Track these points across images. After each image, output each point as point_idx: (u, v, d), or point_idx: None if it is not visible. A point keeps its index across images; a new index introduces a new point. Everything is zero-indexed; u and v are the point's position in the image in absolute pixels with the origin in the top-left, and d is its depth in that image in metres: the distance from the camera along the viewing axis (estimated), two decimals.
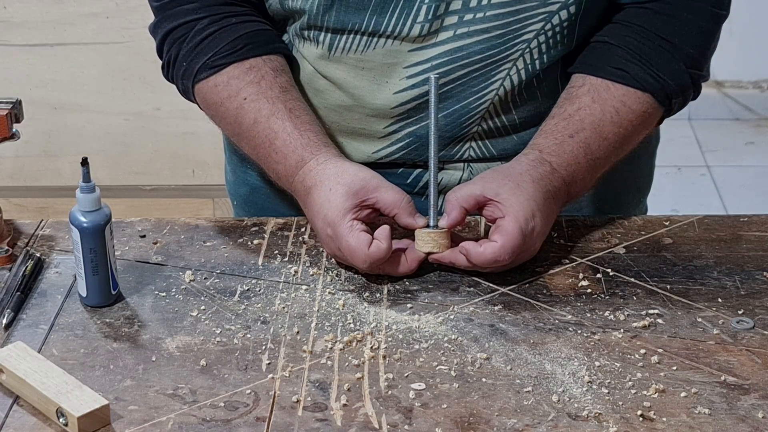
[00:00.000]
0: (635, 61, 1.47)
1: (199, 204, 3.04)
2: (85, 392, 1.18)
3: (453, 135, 1.52)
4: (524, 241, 1.37)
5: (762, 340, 1.29)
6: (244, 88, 1.48)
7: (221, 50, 1.49)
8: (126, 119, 2.96)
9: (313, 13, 1.47)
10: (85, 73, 2.92)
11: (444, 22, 1.45)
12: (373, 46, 1.47)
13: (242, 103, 1.48)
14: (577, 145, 1.45)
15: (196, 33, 1.50)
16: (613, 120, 1.46)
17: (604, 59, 1.48)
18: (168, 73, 1.55)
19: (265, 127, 1.47)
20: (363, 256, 1.36)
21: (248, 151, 1.51)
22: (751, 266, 1.43)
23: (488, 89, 1.49)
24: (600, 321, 1.33)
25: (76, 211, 1.33)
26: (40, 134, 2.94)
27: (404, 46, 1.46)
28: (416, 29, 1.45)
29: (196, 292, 1.39)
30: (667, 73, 1.47)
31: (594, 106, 1.46)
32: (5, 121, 1.45)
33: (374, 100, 1.50)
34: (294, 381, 1.23)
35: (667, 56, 1.47)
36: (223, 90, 1.49)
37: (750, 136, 4.07)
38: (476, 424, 1.17)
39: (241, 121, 1.48)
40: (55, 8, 2.86)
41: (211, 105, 1.51)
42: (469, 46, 1.46)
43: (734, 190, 3.71)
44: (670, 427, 1.16)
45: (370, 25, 1.45)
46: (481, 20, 1.45)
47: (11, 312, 1.34)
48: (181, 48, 1.51)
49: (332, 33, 1.48)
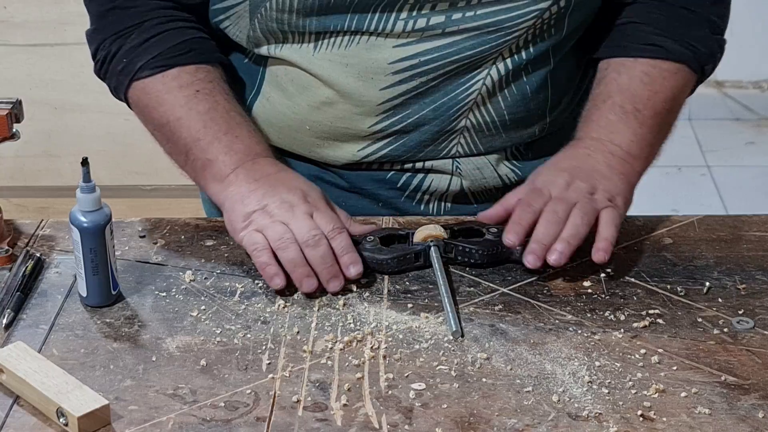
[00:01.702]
0: (664, 34, 1.50)
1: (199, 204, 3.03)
2: (85, 392, 1.18)
3: (441, 128, 1.52)
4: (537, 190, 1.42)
5: (762, 340, 1.29)
6: (196, 83, 1.48)
7: (166, 52, 1.48)
8: (126, 119, 2.95)
9: (293, 22, 1.46)
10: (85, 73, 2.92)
11: (430, 21, 1.44)
12: (356, 42, 1.47)
13: (195, 93, 1.47)
14: (603, 110, 1.48)
15: (141, 32, 1.49)
16: (644, 80, 1.49)
17: (631, 38, 1.51)
18: (102, 67, 1.53)
19: (223, 115, 1.46)
20: (338, 224, 1.38)
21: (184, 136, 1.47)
22: (751, 266, 1.43)
23: (475, 80, 1.49)
24: (600, 321, 1.33)
25: (76, 211, 1.33)
26: (40, 134, 2.94)
27: (389, 42, 1.46)
28: (399, 26, 1.44)
29: (196, 292, 1.39)
30: (697, 41, 1.51)
31: (621, 78, 1.50)
32: (5, 121, 1.45)
33: (360, 96, 1.50)
34: (294, 381, 1.23)
35: (694, 25, 1.51)
36: (172, 81, 1.48)
37: (750, 136, 4.07)
38: (476, 424, 1.17)
39: (192, 106, 1.46)
40: (55, 8, 2.86)
41: (153, 93, 1.48)
42: (458, 43, 1.46)
43: (734, 190, 3.71)
44: (670, 427, 1.16)
45: (352, 25, 1.45)
46: (471, 18, 1.44)
47: (11, 312, 1.34)
48: (123, 45, 1.49)
49: (315, 35, 1.47)
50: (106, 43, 1.51)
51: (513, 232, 1.38)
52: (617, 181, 1.45)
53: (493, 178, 1.57)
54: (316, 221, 1.38)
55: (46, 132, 2.97)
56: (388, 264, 1.39)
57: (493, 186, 1.58)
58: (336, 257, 1.37)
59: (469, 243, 1.40)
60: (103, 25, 1.52)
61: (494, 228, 1.42)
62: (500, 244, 1.39)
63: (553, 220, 1.38)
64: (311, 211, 1.39)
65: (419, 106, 1.50)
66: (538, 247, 1.36)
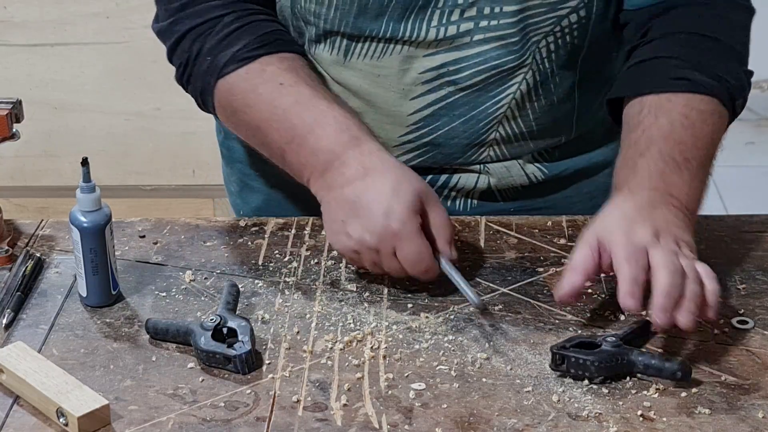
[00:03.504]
0: (692, 67, 1.40)
1: (199, 204, 3.04)
2: (85, 392, 1.18)
3: (471, 141, 1.51)
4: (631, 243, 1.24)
5: (762, 340, 1.29)
6: (280, 74, 1.43)
7: (251, 43, 1.44)
8: (126, 119, 2.96)
9: (330, 18, 1.46)
10: (85, 73, 2.92)
11: (460, 28, 1.44)
12: (389, 53, 1.46)
13: (279, 87, 1.42)
14: (651, 159, 1.33)
15: (222, 27, 1.45)
16: (684, 124, 1.36)
17: (658, 74, 1.41)
18: (185, 72, 1.48)
19: (308, 107, 1.41)
20: (425, 265, 1.32)
21: (276, 138, 1.42)
22: (751, 266, 1.43)
23: (505, 93, 1.49)
24: (600, 321, 1.33)
25: (76, 211, 1.33)
26: (40, 134, 2.94)
27: (419, 51, 1.46)
28: (432, 33, 1.44)
29: (196, 292, 1.39)
30: (726, 72, 1.41)
31: (660, 121, 1.36)
32: (5, 121, 1.45)
33: (390, 107, 1.49)
34: (294, 381, 1.23)
35: (721, 56, 1.42)
36: (256, 76, 1.43)
37: (750, 136, 4.07)
38: (476, 424, 1.17)
39: (278, 103, 1.41)
40: (55, 8, 2.87)
41: (239, 93, 1.44)
42: (486, 53, 1.46)
43: (734, 190, 3.70)
44: (670, 427, 1.16)
45: (387, 31, 1.45)
46: (495, 27, 1.44)
47: (11, 312, 1.34)
48: (206, 42, 1.45)
49: (348, 39, 1.47)
50: (185, 42, 1.47)
51: (630, 294, 1.21)
52: (690, 236, 1.30)
53: (520, 176, 1.57)
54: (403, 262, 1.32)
55: (46, 132, 2.97)
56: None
57: (520, 184, 1.58)
58: None
59: (584, 354, 1.22)
60: (182, 18, 1.47)
61: (611, 337, 1.24)
62: (619, 355, 1.22)
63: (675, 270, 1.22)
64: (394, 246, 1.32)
65: (449, 119, 1.50)
66: (668, 302, 1.21)
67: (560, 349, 1.23)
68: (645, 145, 1.35)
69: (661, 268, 1.21)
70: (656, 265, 1.22)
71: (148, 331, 1.30)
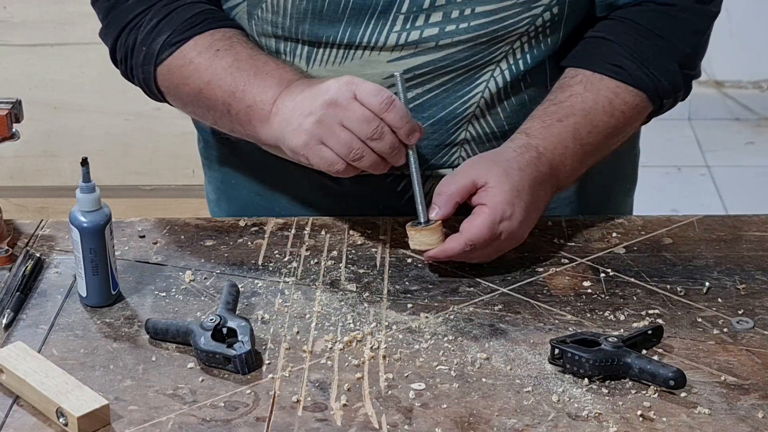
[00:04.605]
0: (631, 58, 1.47)
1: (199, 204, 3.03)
2: (85, 392, 1.18)
3: (441, 142, 1.51)
4: (495, 231, 1.37)
5: (762, 340, 1.29)
6: (214, 43, 1.46)
7: (180, 27, 1.47)
8: (126, 119, 2.95)
9: (287, 26, 1.46)
10: (85, 73, 2.92)
11: (423, 33, 1.43)
12: (350, 58, 1.46)
13: (215, 53, 1.45)
14: (565, 129, 1.44)
15: (151, 17, 1.48)
16: (605, 109, 1.46)
17: (599, 54, 1.48)
18: (126, 65, 1.51)
19: (248, 62, 1.44)
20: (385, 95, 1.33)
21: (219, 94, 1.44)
22: (751, 266, 1.43)
23: (473, 93, 1.48)
24: (600, 321, 1.33)
25: (76, 211, 1.33)
26: (40, 134, 2.94)
27: (382, 56, 1.45)
28: (392, 38, 1.44)
29: (196, 292, 1.39)
30: (661, 73, 1.47)
31: (586, 95, 1.46)
32: (5, 121, 1.45)
33: None
34: (294, 381, 1.23)
35: (663, 55, 1.47)
36: (191, 51, 1.46)
37: (750, 136, 4.07)
38: (476, 424, 1.17)
39: (216, 65, 1.44)
40: (55, 8, 2.86)
41: (177, 70, 1.47)
42: (453, 55, 1.45)
43: (734, 190, 3.71)
44: (670, 427, 1.16)
45: (345, 37, 1.45)
46: (465, 30, 1.44)
47: (11, 312, 1.34)
48: (138, 34, 1.48)
49: (308, 46, 1.47)
50: (121, 39, 1.50)
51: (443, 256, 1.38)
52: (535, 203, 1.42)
53: None
54: (362, 100, 1.34)
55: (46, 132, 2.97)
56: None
57: None
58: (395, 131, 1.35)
59: (581, 351, 1.23)
60: (112, 18, 1.51)
61: (613, 338, 1.25)
62: (616, 357, 1.22)
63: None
64: (351, 90, 1.34)
65: (417, 120, 1.49)
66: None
67: (559, 343, 1.24)
68: (567, 112, 1.45)
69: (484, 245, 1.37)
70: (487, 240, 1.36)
71: (148, 331, 1.30)
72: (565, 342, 1.24)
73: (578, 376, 1.23)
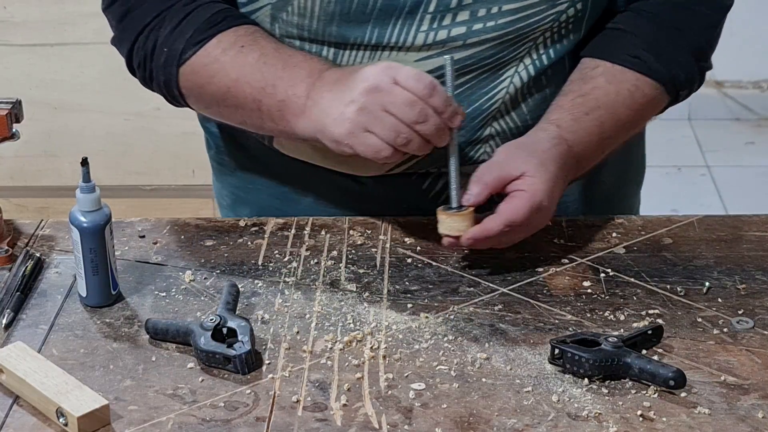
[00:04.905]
0: (649, 50, 1.48)
1: (199, 204, 3.04)
2: (85, 392, 1.18)
3: (467, 138, 1.51)
4: (531, 217, 1.38)
5: (762, 340, 1.29)
6: (238, 40, 1.44)
7: (202, 26, 1.45)
8: (126, 119, 2.95)
9: (314, 28, 1.45)
10: (85, 73, 2.92)
11: (451, 32, 1.44)
12: (377, 58, 1.46)
13: (240, 49, 1.43)
14: (592, 123, 1.46)
15: (170, 18, 1.46)
16: (626, 102, 1.48)
17: (618, 46, 1.50)
18: (145, 69, 1.49)
19: (275, 56, 1.42)
20: (427, 79, 1.33)
21: (248, 92, 1.42)
22: (751, 266, 1.43)
23: (497, 89, 1.49)
24: (600, 321, 1.33)
25: (76, 211, 1.33)
26: (40, 134, 2.94)
27: (410, 56, 1.45)
28: (420, 38, 1.44)
29: (196, 292, 1.39)
30: (677, 65, 1.49)
31: (609, 87, 1.47)
32: (5, 121, 1.45)
33: None
34: (294, 381, 1.23)
35: (679, 47, 1.49)
36: (215, 49, 1.44)
37: (750, 136, 4.07)
38: (476, 424, 1.17)
39: (243, 62, 1.43)
40: (55, 8, 2.86)
41: (201, 68, 1.45)
42: (480, 53, 1.45)
43: (734, 190, 3.71)
44: (670, 427, 1.16)
45: (372, 37, 1.44)
46: (492, 28, 1.44)
47: (11, 312, 1.34)
48: (158, 37, 1.46)
49: (335, 47, 1.47)
50: (138, 43, 1.48)
51: (474, 242, 1.38)
52: (560, 195, 1.44)
53: None
54: (404, 85, 1.32)
55: (46, 132, 2.97)
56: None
57: None
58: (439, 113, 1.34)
59: (581, 351, 1.23)
60: (128, 23, 1.49)
61: (613, 338, 1.25)
62: (616, 356, 1.22)
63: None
64: (392, 75, 1.33)
65: None
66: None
67: (559, 343, 1.24)
68: (593, 105, 1.47)
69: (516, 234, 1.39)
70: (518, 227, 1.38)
71: (148, 331, 1.30)
72: (565, 342, 1.25)
73: (578, 376, 1.23)
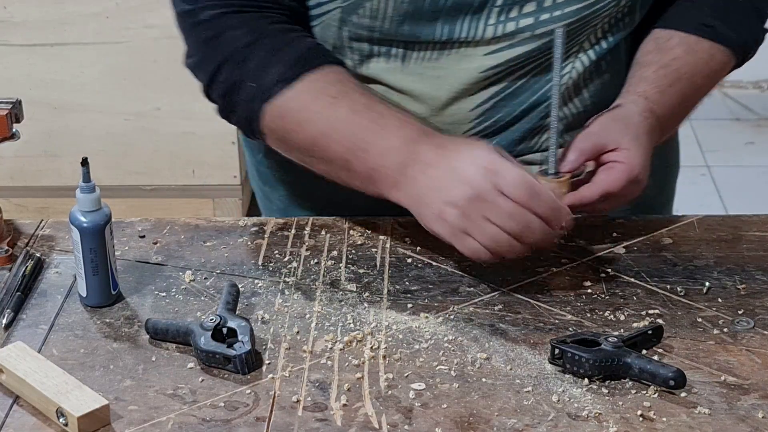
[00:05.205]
0: (720, 17, 1.52)
1: (199, 204, 3.04)
2: (85, 392, 1.18)
3: (533, 125, 1.52)
4: (628, 187, 1.40)
5: (762, 340, 1.29)
6: (329, 87, 1.41)
7: (291, 62, 1.41)
8: (126, 119, 2.96)
9: (385, 29, 1.44)
10: (85, 73, 2.92)
11: (519, 23, 1.44)
12: (446, 54, 1.46)
13: (332, 100, 1.40)
14: (675, 95, 1.50)
15: (257, 51, 1.42)
16: (703, 71, 1.52)
17: (690, 16, 1.53)
18: (227, 101, 1.45)
19: (366, 113, 1.39)
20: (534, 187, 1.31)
21: (337, 149, 1.39)
22: (751, 266, 1.43)
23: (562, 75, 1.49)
24: (600, 321, 1.33)
25: (76, 211, 1.33)
26: (40, 134, 2.94)
27: (478, 50, 1.46)
28: (489, 31, 1.44)
29: (196, 292, 1.39)
30: (747, 30, 1.54)
31: (687, 58, 1.51)
32: (5, 121, 1.45)
33: (452, 107, 1.49)
34: (294, 381, 1.23)
35: (743, 11, 1.54)
36: (305, 94, 1.41)
37: (750, 136, 4.07)
38: (476, 424, 1.17)
39: (334, 115, 1.40)
40: (55, 8, 2.87)
41: (290, 113, 1.41)
42: (547, 44, 1.45)
43: (734, 190, 3.70)
44: (670, 427, 1.16)
45: (443, 34, 1.44)
46: (559, 18, 1.44)
47: (11, 312, 1.34)
48: (243, 69, 1.42)
49: (404, 47, 1.46)
50: (222, 73, 1.44)
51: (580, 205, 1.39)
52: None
53: None
54: (508, 194, 1.30)
55: (46, 132, 2.97)
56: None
57: None
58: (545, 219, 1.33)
59: (581, 351, 1.23)
60: (211, 50, 1.44)
61: (613, 338, 1.25)
62: (616, 356, 1.22)
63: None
64: (496, 182, 1.30)
65: (510, 108, 1.50)
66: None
67: (559, 343, 1.24)
68: (675, 76, 1.50)
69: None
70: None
71: (148, 331, 1.30)
72: (565, 342, 1.25)
73: (578, 376, 1.23)
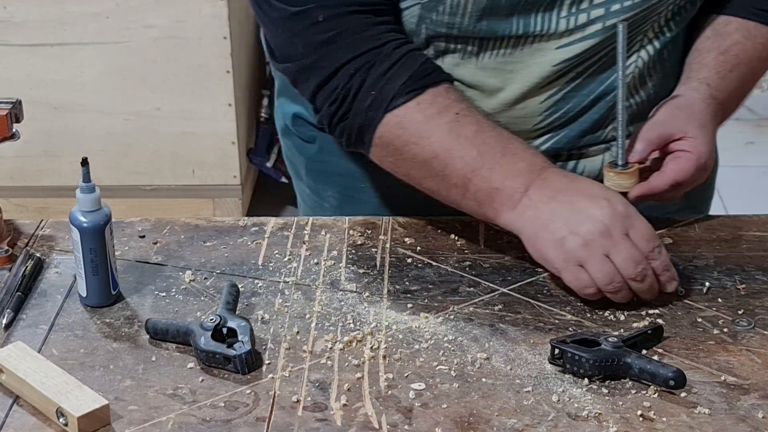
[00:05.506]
0: None
1: (199, 204, 3.04)
2: (85, 392, 1.18)
3: (600, 115, 1.53)
4: (697, 175, 1.43)
5: (762, 340, 1.29)
6: (453, 104, 1.41)
7: (415, 74, 1.40)
8: (126, 119, 2.96)
9: (464, 25, 1.44)
10: (85, 73, 2.93)
11: (590, 15, 1.45)
12: (520, 48, 1.46)
13: (456, 116, 1.40)
14: (735, 81, 1.52)
15: (383, 59, 1.41)
16: (761, 56, 1.55)
17: (747, 1, 1.54)
18: (339, 109, 1.43)
19: (492, 135, 1.39)
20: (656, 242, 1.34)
21: (459, 166, 1.38)
22: (751, 266, 1.43)
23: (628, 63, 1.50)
24: (600, 321, 1.33)
25: (76, 211, 1.33)
26: (40, 134, 2.94)
27: (551, 44, 1.46)
28: (562, 24, 1.44)
29: (196, 292, 1.39)
30: None
31: (746, 43, 1.53)
32: (5, 121, 1.45)
33: (524, 99, 1.49)
34: (294, 381, 1.23)
35: None
36: (429, 107, 1.40)
37: (750, 136, 4.07)
38: (476, 424, 1.17)
39: (459, 132, 1.39)
40: (55, 8, 2.87)
41: (412, 125, 1.40)
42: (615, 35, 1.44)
43: (734, 190, 3.70)
44: (670, 427, 1.16)
45: (519, 28, 1.44)
46: (630, 7, 1.45)
47: (11, 312, 1.34)
48: (368, 76, 1.40)
49: (479, 43, 1.46)
50: (338, 79, 1.41)
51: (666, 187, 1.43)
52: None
53: None
54: (634, 240, 1.32)
55: (46, 132, 2.98)
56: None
57: None
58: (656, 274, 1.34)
59: (581, 351, 1.23)
60: (329, 53, 1.42)
61: (613, 338, 1.25)
62: (616, 356, 1.23)
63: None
64: (626, 227, 1.33)
65: (578, 99, 1.51)
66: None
67: (559, 343, 1.24)
68: (735, 62, 1.53)
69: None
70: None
71: (148, 331, 1.30)
72: (565, 342, 1.25)
73: (578, 376, 1.23)
